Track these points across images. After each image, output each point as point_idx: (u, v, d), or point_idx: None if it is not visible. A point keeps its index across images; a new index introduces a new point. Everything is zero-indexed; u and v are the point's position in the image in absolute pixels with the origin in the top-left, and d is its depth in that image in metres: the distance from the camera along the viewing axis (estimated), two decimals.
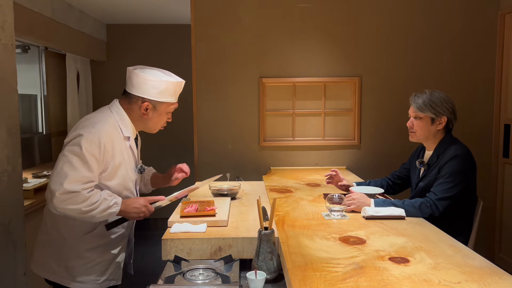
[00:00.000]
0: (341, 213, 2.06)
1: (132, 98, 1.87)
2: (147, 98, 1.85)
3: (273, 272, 1.61)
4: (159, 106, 1.88)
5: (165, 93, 1.87)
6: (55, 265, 1.82)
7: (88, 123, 1.77)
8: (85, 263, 1.82)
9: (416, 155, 2.53)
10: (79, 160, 1.68)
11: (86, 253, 1.82)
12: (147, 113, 1.87)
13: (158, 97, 1.86)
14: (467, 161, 2.23)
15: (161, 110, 1.90)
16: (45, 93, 4.25)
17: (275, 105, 3.70)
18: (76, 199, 1.66)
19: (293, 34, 3.63)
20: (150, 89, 1.84)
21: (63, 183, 1.64)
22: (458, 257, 1.55)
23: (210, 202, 2.16)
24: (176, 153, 5.19)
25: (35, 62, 4.18)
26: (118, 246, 1.92)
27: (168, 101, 1.90)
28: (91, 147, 1.70)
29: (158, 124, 1.95)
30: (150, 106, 1.86)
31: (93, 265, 1.83)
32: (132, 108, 1.88)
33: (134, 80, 1.85)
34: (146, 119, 1.89)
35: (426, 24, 3.63)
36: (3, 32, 2.16)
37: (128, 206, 1.80)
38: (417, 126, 2.33)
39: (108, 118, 1.83)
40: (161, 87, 1.85)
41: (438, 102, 2.28)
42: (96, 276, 1.84)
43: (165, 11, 4.52)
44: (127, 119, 1.88)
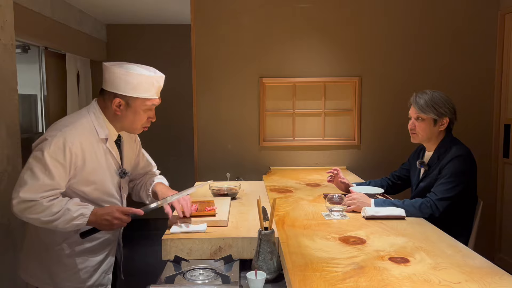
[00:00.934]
0: (341, 213, 2.06)
1: (106, 95, 1.75)
2: (119, 93, 1.71)
3: (273, 272, 1.61)
4: (132, 102, 1.73)
5: (139, 87, 1.72)
6: (39, 271, 1.77)
7: (56, 127, 1.68)
8: (67, 270, 1.75)
9: (416, 156, 2.53)
10: (40, 167, 1.60)
11: (67, 260, 1.75)
12: (120, 110, 1.74)
13: (131, 92, 1.71)
14: (468, 162, 2.22)
15: (136, 107, 1.74)
16: (45, 93, 4.25)
17: (275, 105, 3.70)
18: (34, 209, 1.59)
19: (293, 34, 3.63)
20: (122, 84, 1.71)
21: (20, 192, 1.58)
22: (458, 257, 1.55)
23: (210, 202, 2.16)
24: (176, 153, 5.19)
25: (35, 62, 4.18)
26: (103, 251, 1.84)
27: (143, 96, 1.73)
28: (55, 153, 1.61)
29: (136, 123, 1.79)
30: (123, 102, 1.72)
31: (75, 272, 1.76)
32: (107, 106, 1.76)
33: (106, 75, 1.74)
34: (120, 116, 1.75)
35: (426, 24, 3.63)
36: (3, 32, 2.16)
37: (99, 217, 1.66)
38: (419, 127, 2.31)
39: (81, 120, 1.73)
40: (133, 81, 1.70)
41: (440, 103, 2.27)
42: (78, 283, 1.77)
43: (165, 11, 4.52)
44: (104, 119, 1.77)
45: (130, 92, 1.72)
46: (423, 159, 2.45)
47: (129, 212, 1.70)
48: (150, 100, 1.76)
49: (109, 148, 1.79)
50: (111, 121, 1.78)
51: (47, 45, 4.05)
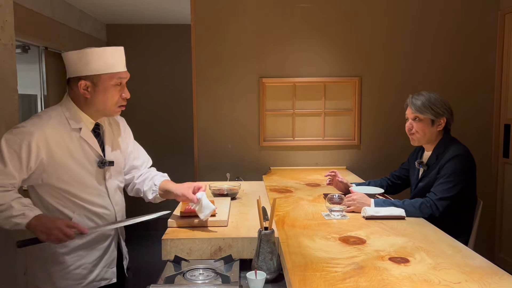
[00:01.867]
0: (341, 213, 2.06)
1: (71, 82, 1.71)
2: (82, 75, 1.66)
3: (273, 272, 1.61)
4: (98, 81, 1.67)
5: (99, 64, 1.66)
6: (37, 271, 1.75)
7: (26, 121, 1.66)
8: (64, 268, 1.72)
9: (415, 156, 2.53)
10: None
11: (64, 257, 1.71)
12: (89, 92, 1.68)
13: (93, 70, 1.65)
14: (467, 161, 2.23)
15: (104, 84, 1.68)
16: (45, 93, 4.25)
17: (275, 105, 3.70)
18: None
19: (293, 34, 3.63)
20: (82, 66, 1.65)
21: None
22: (458, 257, 1.55)
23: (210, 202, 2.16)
24: (176, 153, 5.19)
25: (35, 62, 4.18)
26: (101, 246, 1.79)
27: (105, 72, 1.67)
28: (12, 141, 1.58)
29: (108, 102, 1.71)
30: (89, 83, 1.67)
31: (72, 269, 1.72)
32: (75, 94, 1.71)
33: (66, 63, 1.69)
34: (90, 99, 1.69)
35: (426, 24, 3.63)
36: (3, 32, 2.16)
37: (42, 223, 1.55)
38: (417, 127, 2.32)
39: (49, 112, 1.70)
40: (92, 59, 1.65)
41: (437, 103, 2.28)
42: (77, 280, 1.73)
43: (165, 11, 4.52)
44: (76, 109, 1.72)
45: (92, 71, 1.66)
46: (421, 159, 2.45)
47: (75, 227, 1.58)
48: (115, 74, 1.70)
49: (84, 138, 1.72)
50: (84, 109, 1.73)
51: (47, 45, 4.05)
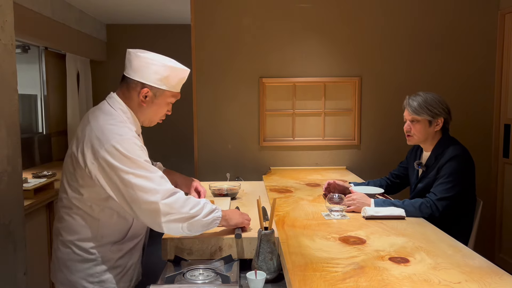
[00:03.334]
0: (341, 213, 2.06)
1: (131, 84, 1.66)
2: (148, 84, 1.64)
3: (273, 272, 1.61)
4: (159, 95, 1.66)
5: (168, 80, 1.66)
6: (86, 282, 1.65)
7: (108, 134, 1.54)
8: (119, 272, 1.70)
9: (413, 155, 2.53)
10: (143, 171, 1.53)
11: (119, 262, 1.69)
12: (146, 101, 1.66)
13: (160, 83, 1.65)
14: (466, 161, 2.23)
15: (162, 100, 1.68)
16: (45, 93, 4.25)
17: (275, 105, 3.70)
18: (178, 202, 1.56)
19: (293, 34, 3.63)
20: (152, 74, 1.63)
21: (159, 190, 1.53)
22: (458, 257, 1.55)
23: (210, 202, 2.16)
24: (176, 153, 5.19)
25: (35, 62, 4.18)
26: (140, 246, 1.82)
27: (170, 89, 1.68)
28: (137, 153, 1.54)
29: (157, 116, 1.73)
30: (150, 93, 1.64)
31: (126, 271, 1.72)
32: (131, 97, 1.66)
33: (134, 63, 1.64)
34: (144, 108, 1.67)
35: (426, 24, 3.63)
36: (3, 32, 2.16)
37: (230, 213, 1.75)
38: (415, 129, 2.33)
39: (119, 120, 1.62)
40: (165, 73, 1.64)
41: (434, 103, 2.28)
42: (129, 281, 1.75)
43: (165, 11, 4.52)
44: (132, 114, 1.67)
45: (160, 84, 1.65)
46: (420, 159, 2.45)
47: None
48: (176, 94, 1.72)
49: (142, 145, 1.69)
50: (136, 113, 1.69)
51: (47, 45, 4.05)
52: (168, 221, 1.55)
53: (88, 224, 1.63)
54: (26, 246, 2.28)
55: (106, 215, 1.64)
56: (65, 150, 4.53)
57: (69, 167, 1.63)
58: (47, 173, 3.31)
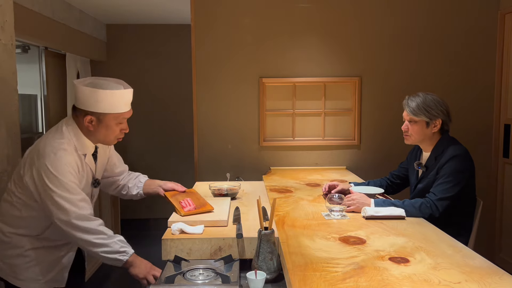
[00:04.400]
0: (341, 213, 2.06)
1: (77, 112, 1.82)
2: (89, 111, 1.77)
3: (273, 272, 1.61)
4: (103, 118, 1.79)
5: (107, 104, 1.77)
6: (1, 262, 1.82)
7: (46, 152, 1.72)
8: (27, 262, 1.80)
9: (413, 156, 2.53)
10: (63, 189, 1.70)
11: (29, 252, 1.81)
12: (93, 125, 1.79)
13: (100, 109, 1.77)
14: (466, 161, 2.23)
15: (107, 122, 1.80)
16: (45, 93, 4.25)
17: (275, 105, 3.70)
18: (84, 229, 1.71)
19: (293, 34, 3.63)
20: (92, 102, 1.76)
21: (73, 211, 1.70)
22: (458, 257, 1.55)
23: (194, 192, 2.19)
24: (176, 153, 5.19)
25: (35, 62, 4.18)
26: (64, 249, 1.89)
27: (112, 112, 1.79)
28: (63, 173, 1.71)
29: (109, 137, 1.85)
30: (94, 118, 1.78)
31: (35, 264, 1.81)
32: (79, 122, 1.82)
33: (78, 94, 1.79)
34: (93, 132, 1.81)
35: (426, 24, 3.63)
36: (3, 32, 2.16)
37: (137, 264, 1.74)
38: (412, 130, 2.33)
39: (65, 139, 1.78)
40: (102, 99, 1.76)
41: (432, 105, 2.28)
42: (37, 275, 1.82)
43: (165, 11, 4.52)
44: (82, 136, 1.83)
45: (100, 109, 1.78)
46: (420, 160, 2.45)
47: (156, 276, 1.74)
48: (120, 114, 1.82)
49: (87, 163, 1.87)
50: (86, 135, 1.84)
51: (47, 45, 4.05)
52: (77, 239, 1.73)
53: (12, 213, 1.80)
54: None
55: (28, 211, 1.79)
56: None
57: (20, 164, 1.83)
58: None
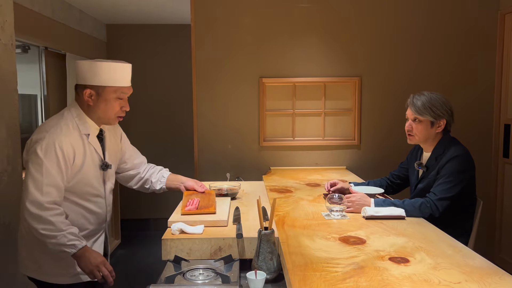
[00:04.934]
0: (341, 213, 2.06)
1: (78, 89, 1.86)
2: (88, 84, 1.82)
3: (273, 272, 1.61)
4: (102, 92, 1.82)
5: (106, 77, 1.82)
6: (29, 262, 1.84)
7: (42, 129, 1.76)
8: (53, 257, 1.80)
9: (414, 156, 2.53)
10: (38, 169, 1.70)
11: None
12: (92, 100, 1.83)
13: (99, 81, 1.81)
14: (466, 162, 2.22)
15: (107, 96, 1.83)
16: (45, 93, 4.25)
17: (275, 105, 3.70)
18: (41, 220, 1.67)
19: (293, 34, 3.63)
20: (90, 75, 1.81)
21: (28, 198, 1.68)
22: (458, 257, 1.55)
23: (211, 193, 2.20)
24: (176, 153, 5.18)
25: (35, 62, 4.18)
26: (90, 241, 1.90)
27: (111, 85, 1.83)
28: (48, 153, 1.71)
29: (109, 112, 1.86)
30: (93, 92, 1.82)
31: (62, 258, 1.80)
32: (80, 100, 1.86)
33: (77, 70, 1.85)
34: (93, 107, 1.84)
35: (426, 24, 3.63)
36: (3, 32, 2.16)
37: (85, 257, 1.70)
38: (417, 129, 2.31)
39: (63, 120, 1.82)
40: (101, 71, 1.81)
41: (438, 105, 2.26)
42: (67, 269, 1.82)
43: (165, 11, 4.52)
44: (84, 115, 1.86)
45: (99, 82, 1.82)
46: (421, 160, 2.44)
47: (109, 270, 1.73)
48: (119, 88, 1.85)
49: (91, 143, 1.87)
50: (89, 115, 1.87)
51: (47, 45, 4.05)
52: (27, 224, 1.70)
53: None
54: None
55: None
56: None
57: None
58: None
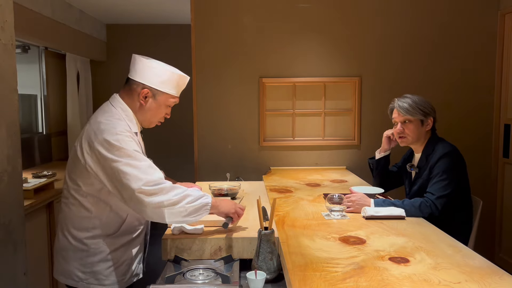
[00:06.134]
0: (341, 213, 2.06)
1: (133, 85, 1.79)
2: (148, 85, 1.78)
3: (273, 272, 1.61)
4: (159, 96, 1.80)
5: (167, 83, 1.80)
6: (80, 273, 1.74)
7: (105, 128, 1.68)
8: (111, 265, 1.76)
9: (406, 160, 2.58)
10: (132, 159, 1.64)
11: (111, 255, 1.76)
12: (146, 101, 1.79)
13: (160, 86, 1.79)
14: (456, 158, 2.26)
15: (161, 101, 1.81)
16: (45, 93, 4.25)
17: (275, 105, 3.70)
18: (164, 190, 1.63)
19: (293, 34, 3.63)
20: (153, 76, 1.78)
21: (142, 178, 1.61)
22: (458, 257, 1.55)
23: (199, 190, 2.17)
24: (176, 153, 5.19)
25: (35, 62, 4.18)
26: (138, 242, 1.87)
27: (169, 92, 1.81)
28: (131, 145, 1.67)
29: (156, 117, 1.85)
30: (150, 93, 1.78)
31: (119, 265, 1.77)
32: (132, 97, 1.79)
33: (137, 65, 1.79)
34: (143, 108, 1.80)
35: (426, 24, 3.63)
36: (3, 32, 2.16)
37: (219, 201, 1.80)
38: (408, 129, 2.35)
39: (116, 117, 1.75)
40: (164, 76, 1.79)
41: (423, 103, 2.34)
42: (122, 276, 1.78)
43: (165, 11, 4.52)
44: (131, 113, 1.80)
45: (159, 86, 1.79)
46: (412, 162, 2.47)
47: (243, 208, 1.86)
48: (174, 98, 1.85)
49: (139, 141, 1.81)
50: (135, 112, 1.81)
51: (47, 45, 4.05)
52: (152, 207, 1.63)
53: (82, 215, 1.72)
54: (26, 246, 2.28)
55: (100, 208, 1.73)
56: (65, 150, 4.55)
57: (70, 161, 1.77)
58: (47, 173, 3.31)
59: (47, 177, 3.20)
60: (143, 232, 1.92)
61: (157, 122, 1.89)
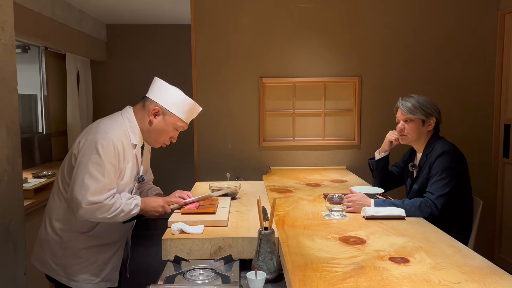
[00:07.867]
0: (341, 213, 2.06)
1: (147, 102, 1.91)
2: (160, 104, 1.89)
3: (273, 272, 1.61)
4: (168, 116, 1.91)
5: (179, 107, 1.91)
6: (52, 263, 1.86)
7: (100, 130, 1.80)
8: (80, 262, 1.84)
9: (407, 159, 2.59)
10: (98, 169, 1.73)
11: (81, 252, 1.85)
12: (155, 118, 1.90)
13: (171, 107, 1.90)
14: (455, 156, 2.26)
15: (169, 122, 1.91)
16: (45, 93, 4.25)
17: (275, 105, 3.70)
18: (101, 209, 1.74)
19: (293, 34, 3.63)
20: (166, 97, 1.89)
21: (87, 195, 1.71)
22: (458, 257, 1.55)
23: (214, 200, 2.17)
24: (176, 153, 5.18)
25: (35, 62, 4.18)
26: (115, 247, 1.94)
27: (179, 116, 1.92)
28: (108, 155, 1.75)
29: (162, 137, 1.95)
30: (160, 112, 1.89)
31: (88, 265, 1.86)
32: (143, 113, 1.91)
33: (155, 86, 1.93)
34: (151, 125, 1.90)
35: (426, 24, 3.63)
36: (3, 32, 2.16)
37: (148, 205, 1.88)
38: (409, 128, 2.38)
39: (119, 124, 1.87)
40: (178, 99, 1.91)
41: (427, 104, 2.36)
42: (91, 276, 1.86)
43: (165, 11, 4.52)
44: (137, 126, 1.91)
45: (171, 107, 1.91)
46: (414, 162, 2.48)
47: (170, 202, 1.95)
48: (182, 122, 1.96)
49: (136, 154, 1.93)
50: (142, 127, 1.92)
51: (47, 45, 4.05)
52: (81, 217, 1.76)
53: (62, 206, 1.84)
54: (26, 246, 2.28)
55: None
56: (65, 150, 4.55)
57: (68, 155, 1.88)
58: (47, 173, 3.31)
59: (47, 177, 3.20)
60: (121, 240, 1.99)
61: (162, 143, 1.98)
